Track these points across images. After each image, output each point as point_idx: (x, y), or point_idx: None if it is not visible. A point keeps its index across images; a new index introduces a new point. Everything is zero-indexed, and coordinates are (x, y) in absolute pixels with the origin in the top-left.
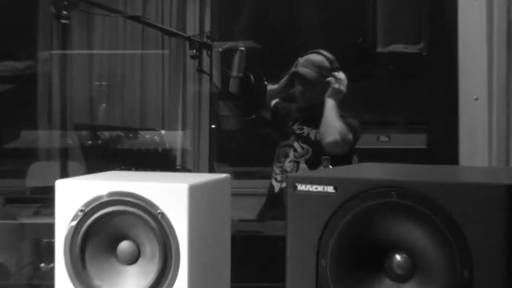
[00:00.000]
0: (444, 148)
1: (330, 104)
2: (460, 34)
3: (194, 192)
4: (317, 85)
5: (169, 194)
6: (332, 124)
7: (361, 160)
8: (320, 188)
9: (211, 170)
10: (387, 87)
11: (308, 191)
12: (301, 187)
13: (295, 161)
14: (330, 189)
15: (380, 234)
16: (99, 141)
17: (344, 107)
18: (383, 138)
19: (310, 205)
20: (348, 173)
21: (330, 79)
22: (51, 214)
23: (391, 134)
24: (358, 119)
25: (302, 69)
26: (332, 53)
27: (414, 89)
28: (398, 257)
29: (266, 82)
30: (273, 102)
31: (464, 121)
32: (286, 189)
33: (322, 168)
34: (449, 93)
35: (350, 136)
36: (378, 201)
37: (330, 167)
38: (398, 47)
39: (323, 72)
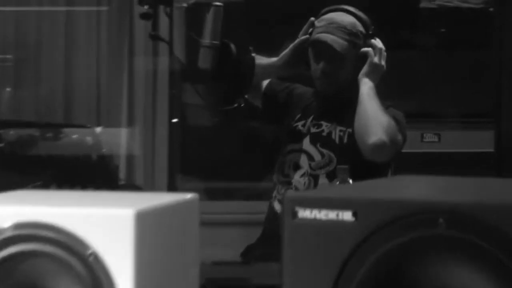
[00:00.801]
0: None
1: (368, 87)
2: None
3: (144, 221)
4: (347, 60)
5: (106, 225)
6: (375, 117)
7: (397, 170)
8: (332, 214)
9: (172, 186)
10: (435, 62)
11: (315, 219)
12: (304, 213)
13: (311, 175)
14: (347, 215)
15: (422, 281)
16: (1, 144)
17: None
18: (430, 137)
19: (317, 240)
20: (375, 191)
21: (367, 49)
22: None
23: (442, 131)
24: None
25: (324, 36)
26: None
27: (477, 65)
28: None
29: (254, 54)
30: (265, 83)
31: None
32: (282, 215)
33: (337, 183)
34: None
35: (400, 136)
36: (418, 233)
37: (350, 181)
38: (452, 1)
39: (357, 40)
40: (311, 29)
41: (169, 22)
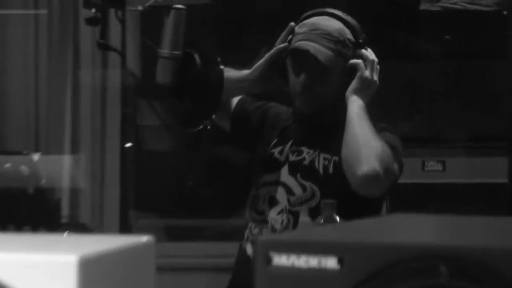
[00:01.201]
0: None
1: (357, 106)
2: None
3: (89, 269)
4: (333, 73)
5: (45, 274)
6: (366, 142)
7: (393, 206)
8: (313, 261)
9: (124, 226)
10: (438, 74)
11: (293, 266)
12: (281, 260)
13: (290, 212)
14: (331, 263)
15: None
16: None
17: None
18: (432, 165)
19: None
20: (365, 233)
21: (356, 61)
22: None
23: (447, 158)
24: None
25: (306, 44)
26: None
27: (488, 78)
28: None
29: (222, 67)
30: (235, 101)
31: None
32: (254, 261)
33: (321, 221)
34: None
35: (396, 165)
36: (416, 283)
37: (337, 219)
38: (458, 3)
39: (344, 50)
40: (290, 36)
41: (121, 28)
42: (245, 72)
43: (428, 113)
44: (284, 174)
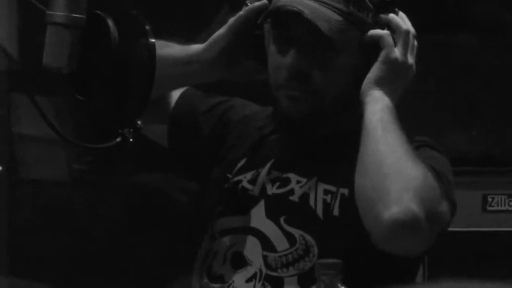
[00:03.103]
0: None
1: (381, 107)
2: None
3: None
4: (341, 51)
5: None
6: (396, 167)
7: (435, 268)
8: None
9: None
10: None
11: None
12: None
13: (267, 278)
14: None
15: None
16: None
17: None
18: (500, 202)
19: None
20: None
21: (380, 32)
22: None
23: None
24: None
25: (296, 2)
26: None
27: None
28: None
29: (154, 40)
30: (175, 96)
31: None
32: None
33: None
34: None
35: (445, 204)
36: None
37: None
38: None
39: (360, 14)
40: None
41: None
42: (194, 48)
43: (497, 121)
44: (258, 217)
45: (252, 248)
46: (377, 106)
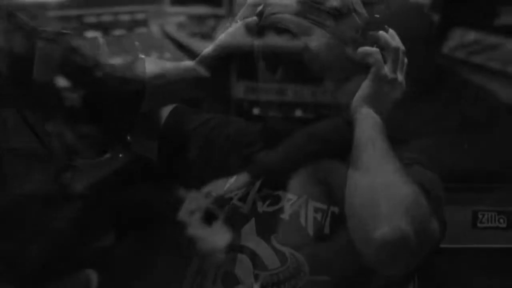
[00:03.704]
0: None
1: (371, 124)
2: None
3: None
4: (331, 67)
5: None
6: (387, 185)
7: (423, 284)
8: None
9: None
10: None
11: None
12: None
13: None
14: None
15: None
16: None
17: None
18: (490, 218)
19: None
20: None
21: (369, 50)
22: None
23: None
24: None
25: (285, 19)
26: None
27: None
28: None
29: (142, 55)
30: (165, 113)
31: None
32: None
33: None
34: None
35: (434, 222)
36: None
37: None
38: None
39: (348, 30)
40: (261, 5)
41: None
42: (185, 65)
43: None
44: (249, 235)
45: (242, 267)
46: (367, 124)
